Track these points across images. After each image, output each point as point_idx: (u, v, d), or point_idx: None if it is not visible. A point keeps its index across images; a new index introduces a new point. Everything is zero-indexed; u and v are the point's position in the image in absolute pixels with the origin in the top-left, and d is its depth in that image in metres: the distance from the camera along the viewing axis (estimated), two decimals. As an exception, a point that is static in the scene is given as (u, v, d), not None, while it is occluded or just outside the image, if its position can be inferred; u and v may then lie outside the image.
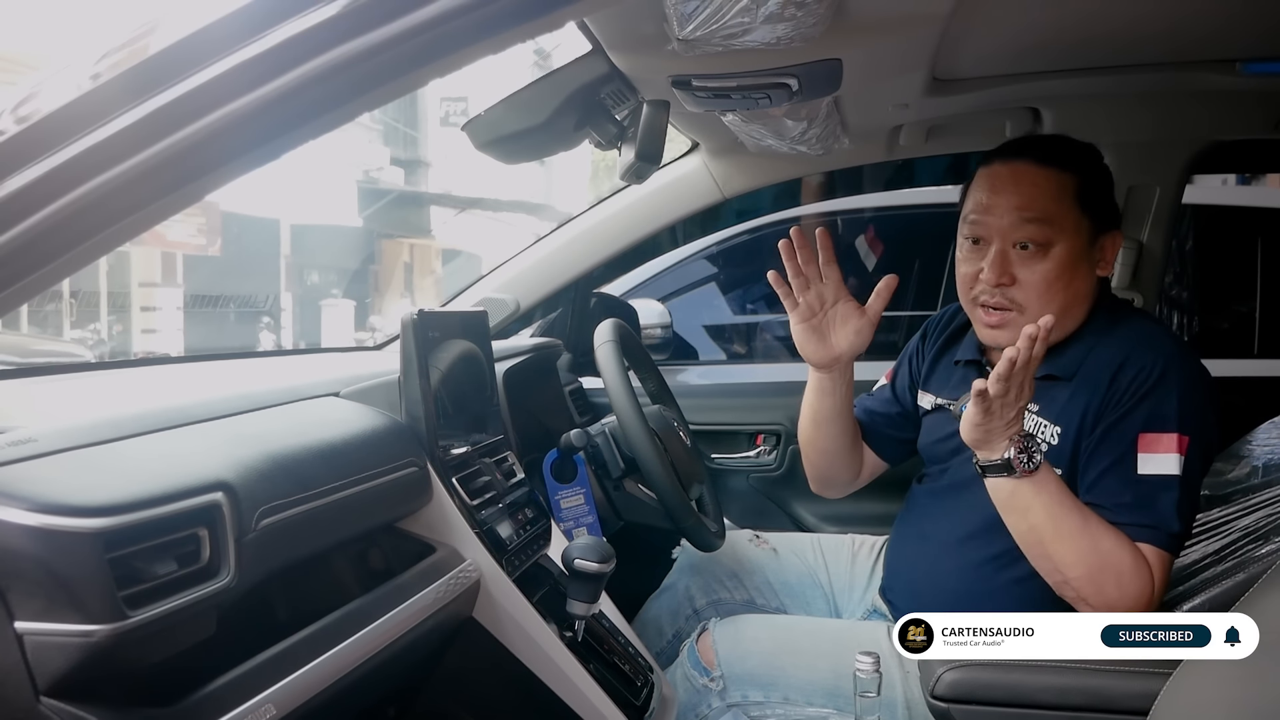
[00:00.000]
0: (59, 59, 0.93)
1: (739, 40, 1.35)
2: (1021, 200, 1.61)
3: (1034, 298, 1.61)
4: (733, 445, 2.84)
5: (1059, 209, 1.60)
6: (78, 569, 0.88)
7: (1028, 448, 1.47)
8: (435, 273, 21.99)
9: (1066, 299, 1.62)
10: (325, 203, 18.58)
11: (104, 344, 14.09)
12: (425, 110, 22.90)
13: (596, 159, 20.35)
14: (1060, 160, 1.62)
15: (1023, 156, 1.64)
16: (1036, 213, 1.60)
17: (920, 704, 1.55)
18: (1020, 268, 1.62)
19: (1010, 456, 1.48)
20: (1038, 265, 1.61)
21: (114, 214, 0.83)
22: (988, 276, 1.63)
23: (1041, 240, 1.60)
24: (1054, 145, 1.68)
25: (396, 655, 1.31)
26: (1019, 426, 1.49)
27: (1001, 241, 1.62)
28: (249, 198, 16.36)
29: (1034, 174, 1.62)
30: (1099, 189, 1.65)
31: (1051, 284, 1.61)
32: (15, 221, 0.81)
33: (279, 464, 1.19)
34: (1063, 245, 1.60)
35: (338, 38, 0.81)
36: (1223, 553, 1.67)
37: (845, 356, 1.79)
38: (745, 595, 2.06)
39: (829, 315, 1.77)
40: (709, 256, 3.84)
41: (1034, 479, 1.48)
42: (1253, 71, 1.90)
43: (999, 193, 1.63)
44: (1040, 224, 1.60)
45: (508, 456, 1.83)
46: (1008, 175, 1.64)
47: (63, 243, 0.82)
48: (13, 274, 0.82)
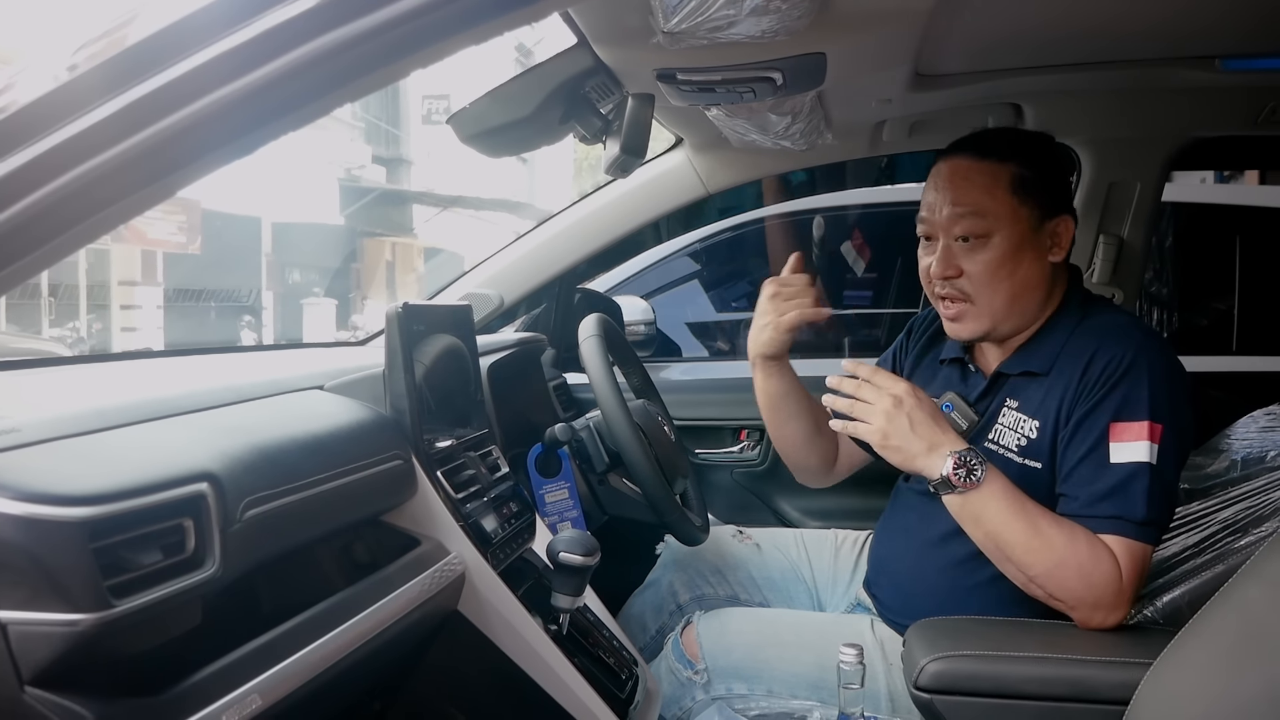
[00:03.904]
0: (35, 51, 0.93)
1: (724, 33, 1.36)
2: (955, 195, 1.65)
3: (981, 287, 1.66)
4: (716, 441, 2.85)
5: (992, 200, 1.63)
6: (62, 558, 0.88)
7: (967, 463, 1.51)
8: (417, 271, 21.97)
9: (1014, 286, 1.65)
10: (307, 201, 18.52)
11: (83, 342, 14.03)
12: (407, 108, 22.88)
13: (579, 156, 20.37)
14: (996, 152, 1.66)
15: (961, 152, 1.69)
16: (969, 206, 1.64)
17: (904, 695, 1.57)
18: (964, 259, 1.66)
19: (947, 474, 1.51)
20: (978, 255, 1.65)
21: (90, 207, 0.82)
22: (935, 270, 1.68)
23: (979, 232, 1.64)
24: (993, 138, 1.71)
25: (381, 648, 1.31)
26: (948, 447, 1.52)
27: (945, 236, 1.67)
28: (230, 195, 16.29)
29: (967, 168, 1.66)
30: (1042, 177, 1.66)
31: (995, 272, 1.64)
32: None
33: (264, 455, 1.19)
34: (1002, 234, 1.63)
35: (319, 29, 0.81)
36: (1202, 545, 1.68)
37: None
38: (729, 590, 2.07)
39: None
40: (692, 253, 3.85)
41: (980, 491, 1.51)
42: (1232, 68, 1.91)
43: (938, 189, 1.68)
44: (975, 217, 1.64)
45: (492, 450, 1.83)
46: (946, 172, 1.69)
47: (37, 237, 0.81)
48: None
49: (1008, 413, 1.67)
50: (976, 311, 1.67)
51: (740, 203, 3.99)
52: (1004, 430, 1.66)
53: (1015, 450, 1.64)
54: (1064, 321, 1.68)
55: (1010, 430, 1.65)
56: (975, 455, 1.52)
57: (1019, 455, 1.63)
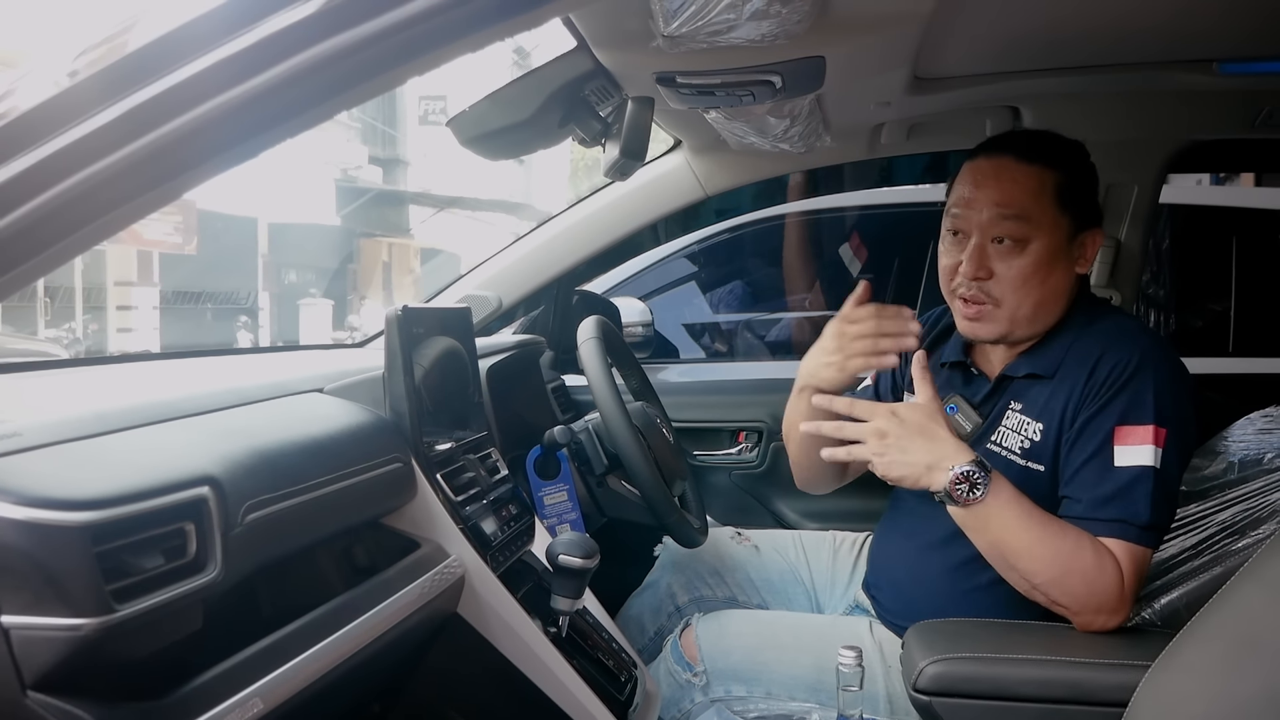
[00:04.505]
0: (37, 56, 0.93)
1: (723, 37, 1.36)
2: (1001, 196, 1.62)
3: (1010, 292, 1.63)
4: (715, 443, 2.85)
5: (1037, 206, 1.61)
6: (64, 563, 0.88)
7: (969, 478, 1.49)
8: (414, 272, 21.96)
9: (1042, 294, 1.64)
10: (303, 201, 18.51)
11: (79, 343, 14.02)
12: (404, 109, 22.87)
13: (576, 158, 20.36)
14: (1043, 157, 1.63)
15: (1006, 152, 1.65)
16: (1015, 209, 1.61)
17: (902, 697, 1.57)
18: (997, 262, 1.63)
19: (946, 488, 1.50)
20: (1014, 260, 1.62)
21: (90, 212, 0.82)
22: (966, 270, 1.65)
23: (1019, 236, 1.61)
24: (1038, 141, 1.68)
25: (382, 650, 1.32)
26: (949, 463, 1.50)
27: (980, 235, 1.64)
28: (227, 196, 16.29)
29: (1015, 170, 1.63)
30: (1081, 187, 1.66)
31: (1028, 279, 1.62)
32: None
33: (265, 459, 1.19)
34: (1040, 241, 1.61)
35: (318, 34, 0.81)
36: (1200, 547, 1.68)
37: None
38: (727, 592, 2.07)
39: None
40: (691, 255, 3.85)
41: (985, 503, 1.50)
42: (1230, 71, 1.91)
43: (980, 187, 1.65)
44: (1018, 220, 1.61)
45: (491, 453, 1.83)
46: (990, 170, 1.65)
47: (37, 242, 0.81)
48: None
49: (1011, 415, 1.67)
50: (999, 315, 1.64)
51: (738, 204, 3.99)
52: (1007, 433, 1.66)
53: (1018, 453, 1.64)
54: (1069, 325, 1.68)
55: (1013, 433, 1.65)
56: (978, 469, 1.49)
57: (1021, 458, 1.63)
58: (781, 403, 1.95)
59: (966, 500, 1.49)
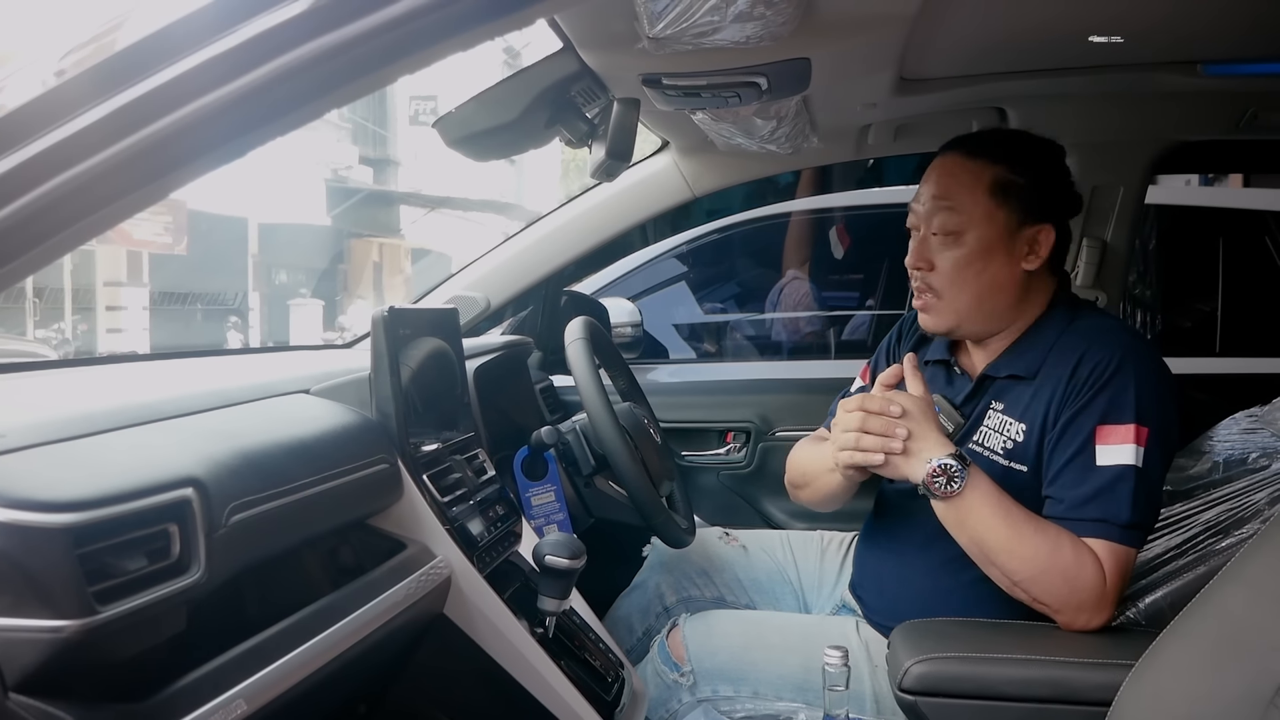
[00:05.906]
0: (24, 54, 0.93)
1: (709, 39, 1.36)
2: (937, 189, 1.67)
3: (946, 284, 1.67)
4: (703, 443, 2.85)
5: (970, 198, 1.64)
6: (47, 564, 0.88)
7: (946, 470, 1.51)
8: (405, 272, 21.89)
9: (979, 287, 1.66)
10: (293, 201, 18.44)
11: (69, 343, 13.94)
12: (394, 109, 22.80)
13: (566, 158, 20.36)
14: (987, 153, 1.66)
15: (955, 149, 1.70)
16: (948, 200, 1.65)
17: (888, 697, 1.57)
18: (936, 254, 1.67)
19: (923, 481, 1.52)
20: (948, 252, 1.66)
21: (78, 211, 0.81)
22: (908, 260, 1.70)
23: (951, 228, 1.65)
24: (989, 139, 1.72)
25: (367, 651, 1.31)
26: (928, 454, 1.52)
27: (924, 228, 1.68)
28: (216, 196, 16.21)
29: (954, 165, 1.68)
30: (1033, 183, 1.65)
31: (961, 271, 1.65)
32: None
33: (249, 460, 1.19)
34: (974, 233, 1.64)
35: (307, 34, 0.81)
36: (1184, 547, 1.69)
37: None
38: (715, 592, 2.07)
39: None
40: (679, 255, 3.85)
41: (963, 497, 1.52)
42: (1214, 73, 1.93)
43: (926, 182, 1.70)
44: (950, 211, 1.65)
45: (478, 454, 1.83)
46: (936, 166, 1.71)
47: (23, 240, 0.81)
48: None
49: (993, 415, 1.68)
50: (941, 306, 1.69)
51: (727, 204, 3.99)
52: (989, 433, 1.67)
53: (1000, 453, 1.64)
54: (1051, 325, 1.68)
55: (995, 433, 1.66)
56: (956, 463, 1.51)
57: (1004, 458, 1.64)
58: (770, 403, 1.95)
59: (944, 493, 1.51)
